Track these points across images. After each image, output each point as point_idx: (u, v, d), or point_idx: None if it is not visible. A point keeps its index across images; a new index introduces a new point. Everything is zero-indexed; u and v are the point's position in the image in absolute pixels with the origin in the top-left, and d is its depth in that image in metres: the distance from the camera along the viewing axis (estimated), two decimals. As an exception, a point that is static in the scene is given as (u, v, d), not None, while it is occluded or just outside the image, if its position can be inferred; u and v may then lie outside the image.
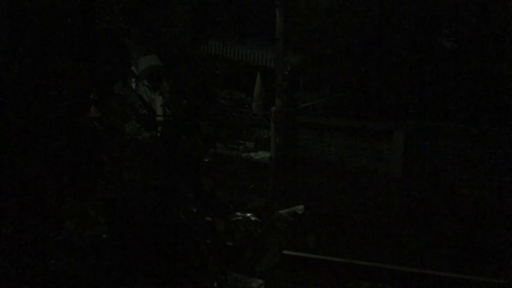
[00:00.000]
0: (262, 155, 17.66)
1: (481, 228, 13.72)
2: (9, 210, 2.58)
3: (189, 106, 3.09)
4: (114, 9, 2.81)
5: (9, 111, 2.58)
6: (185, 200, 2.96)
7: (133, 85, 3.47)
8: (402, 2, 17.58)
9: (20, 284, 2.59)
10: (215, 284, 3.11)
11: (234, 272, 3.62)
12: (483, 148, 14.80)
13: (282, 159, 16.90)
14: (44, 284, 2.63)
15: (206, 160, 3.09)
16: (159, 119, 3.14)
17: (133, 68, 2.97)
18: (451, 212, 14.30)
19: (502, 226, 13.57)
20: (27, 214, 2.61)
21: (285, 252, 4.44)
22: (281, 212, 3.48)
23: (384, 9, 17.88)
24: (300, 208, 3.58)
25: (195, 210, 3.02)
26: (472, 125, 15.28)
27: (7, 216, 2.58)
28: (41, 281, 2.63)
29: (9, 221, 2.58)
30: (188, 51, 3.12)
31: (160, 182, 2.89)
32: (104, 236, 2.76)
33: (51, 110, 2.65)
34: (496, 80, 17.08)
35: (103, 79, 2.79)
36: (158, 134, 3.05)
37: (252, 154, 17.71)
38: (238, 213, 3.27)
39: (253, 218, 3.26)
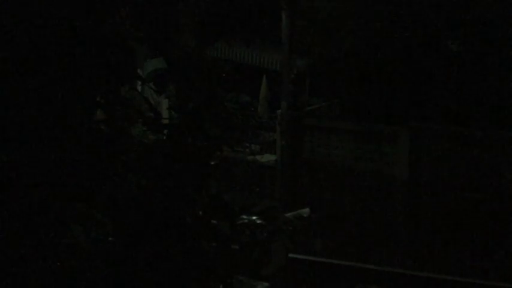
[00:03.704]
0: (268, 157, 17.64)
1: (488, 232, 13.66)
2: (16, 213, 2.59)
3: (195, 109, 3.09)
4: (121, 13, 2.82)
5: (16, 114, 2.59)
6: (191, 203, 2.97)
7: (140, 88, 3.47)
8: (408, 5, 17.56)
9: (27, 285, 2.60)
10: (221, 287, 3.11)
11: (239, 275, 3.62)
12: (489, 151, 14.75)
13: (288, 162, 16.88)
14: (51, 285, 2.64)
15: (212, 163, 3.09)
16: (165, 121, 3.15)
17: (139, 71, 2.97)
18: (457, 215, 14.25)
19: (508, 230, 13.51)
20: (34, 217, 2.61)
21: (290, 255, 4.44)
22: (287, 215, 3.48)
23: (390, 12, 17.86)
24: (305, 211, 3.58)
25: (200, 213, 3.03)
26: (478, 128, 15.24)
27: (14, 219, 2.59)
28: (47, 282, 2.63)
29: (16, 224, 2.59)
30: (194, 54, 3.12)
31: (166, 184, 2.89)
32: (110, 238, 2.76)
33: (58, 112, 2.65)
34: (502, 83, 17.04)
35: (109, 82, 2.80)
36: (164, 137, 3.06)
37: (258, 157, 17.69)
38: (244, 216, 3.27)
39: (258, 221, 3.26)
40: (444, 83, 17.61)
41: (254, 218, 3.27)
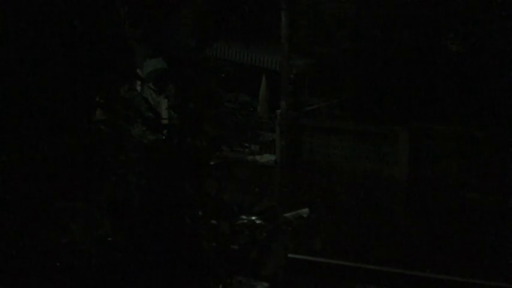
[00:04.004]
0: (267, 158, 17.65)
1: (487, 232, 13.67)
2: (14, 213, 2.59)
3: (195, 109, 3.09)
4: (121, 13, 2.82)
5: (14, 114, 2.59)
6: (190, 203, 2.96)
7: (139, 88, 3.47)
8: (407, 4, 17.56)
9: (26, 285, 2.60)
10: (220, 287, 3.11)
11: (239, 275, 3.62)
12: (488, 151, 14.75)
13: (287, 162, 16.88)
14: (49, 285, 2.63)
15: (212, 163, 3.09)
16: (165, 122, 3.14)
17: (139, 71, 2.97)
18: (456, 216, 14.26)
19: (507, 230, 13.52)
20: (32, 216, 2.61)
21: (290, 255, 4.42)
22: (286, 215, 3.47)
23: (389, 11, 17.86)
24: (305, 211, 3.57)
25: (200, 213, 3.02)
26: (477, 128, 15.24)
27: (13, 218, 2.59)
28: (46, 282, 2.63)
29: (15, 223, 2.58)
30: (194, 54, 3.12)
31: (165, 184, 2.89)
32: (109, 238, 2.76)
33: (58, 112, 2.65)
34: (502, 83, 17.04)
35: (109, 82, 2.80)
36: (163, 137, 3.05)
37: (257, 157, 17.70)
38: (244, 217, 3.27)
39: (258, 221, 3.26)
40: (444, 83, 17.61)
41: (254, 218, 3.27)
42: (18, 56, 2.57)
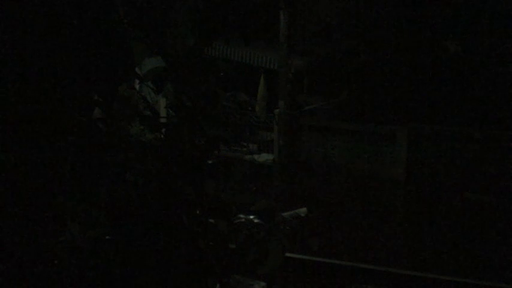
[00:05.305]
0: (265, 157, 17.66)
1: (484, 232, 13.69)
2: (13, 211, 2.59)
3: (193, 108, 3.09)
4: (119, 11, 2.82)
5: (12, 112, 2.59)
6: (188, 202, 2.96)
7: (137, 87, 3.47)
8: (407, 5, 17.58)
9: (23, 284, 2.60)
10: (217, 286, 3.11)
11: (236, 275, 3.62)
12: (486, 152, 14.78)
13: (285, 162, 16.90)
14: (46, 284, 2.63)
15: (210, 162, 3.09)
16: (163, 120, 3.14)
17: (137, 69, 2.97)
18: (454, 216, 14.28)
19: (504, 230, 13.54)
20: (30, 215, 2.61)
21: (287, 254, 4.43)
22: (284, 214, 3.47)
23: (389, 12, 17.87)
24: (302, 211, 3.57)
25: (198, 212, 3.02)
26: (475, 128, 15.27)
27: (11, 217, 2.59)
28: (43, 281, 2.63)
29: (12, 222, 2.58)
30: (192, 53, 3.12)
31: (163, 184, 2.89)
32: (107, 237, 2.76)
33: (55, 111, 2.65)
34: (500, 84, 17.07)
35: (107, 80, 2.80)
36: (162, 136, 3.05)
37: (255, 156, 17.72)
38: (241, 216, 3.27)
39: (256, 221, 3.26)
40: (442, 83, 17.64)
41: (251, 217, 3.27)
42: (17, 54, 2.57)
